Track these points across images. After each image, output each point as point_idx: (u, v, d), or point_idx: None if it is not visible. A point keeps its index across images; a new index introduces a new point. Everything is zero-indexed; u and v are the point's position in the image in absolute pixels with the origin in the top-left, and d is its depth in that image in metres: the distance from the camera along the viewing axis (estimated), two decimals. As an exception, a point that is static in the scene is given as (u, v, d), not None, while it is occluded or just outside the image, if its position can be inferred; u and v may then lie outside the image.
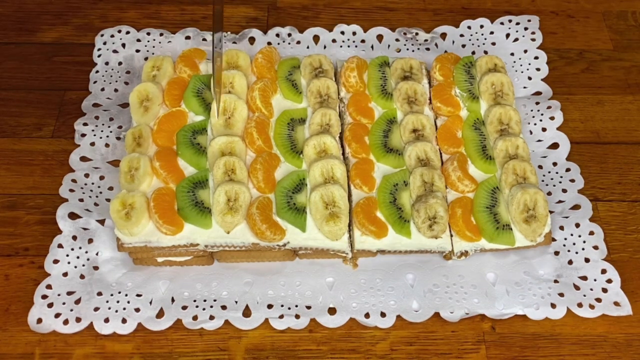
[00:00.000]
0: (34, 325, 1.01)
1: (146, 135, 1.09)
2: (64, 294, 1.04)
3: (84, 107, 1.23)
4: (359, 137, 1.10)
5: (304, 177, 1.06)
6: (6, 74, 1.28)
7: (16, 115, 1.23)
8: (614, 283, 1.05)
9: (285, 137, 1.10)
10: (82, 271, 1.06)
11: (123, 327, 1.01)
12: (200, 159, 1.07)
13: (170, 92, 1.14)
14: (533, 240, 1.03)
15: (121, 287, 1.05)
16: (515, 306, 1.03)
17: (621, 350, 1.01)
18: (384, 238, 1.03)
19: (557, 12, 1.40)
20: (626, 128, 1.24)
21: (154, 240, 1.02)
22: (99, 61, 1.29)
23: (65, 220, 1.10)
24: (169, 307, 1.03)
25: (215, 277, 1.06)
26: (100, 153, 1.18)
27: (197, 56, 1.19)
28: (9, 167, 1.17)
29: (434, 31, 1.33)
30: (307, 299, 1.04)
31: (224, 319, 1.02)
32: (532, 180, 1.06)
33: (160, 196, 1.03)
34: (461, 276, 1.06)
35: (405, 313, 1.02)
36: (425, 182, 1.05)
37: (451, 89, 1.16)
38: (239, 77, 1.12)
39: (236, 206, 1.01)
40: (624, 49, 1.34)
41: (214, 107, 1.10)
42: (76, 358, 1.00)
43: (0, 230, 1.11)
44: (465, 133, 1.12)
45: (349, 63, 1.17)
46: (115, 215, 1.00)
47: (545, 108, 1.22)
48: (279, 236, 1.02)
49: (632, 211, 1.15)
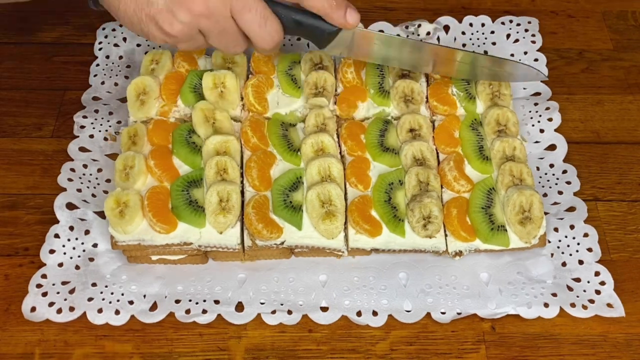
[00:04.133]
0: (28, 314, 1.02)
1: (141, 134, 1.10)
2: (58, 283, 1.04)
3: (84, 100, 1.24)
4: (354, 135, 1.11)
5: (301, 175, 1.07)
6: (6, 74, 1.29)
7: (16, 115, 1.23)
8: (607, 285, 1.04)
9: (281, 136, 1.10)
10: (77, 262, 1.07)
11: (116, 318, 1.02)
12: (195, 158, 1.07)
13: (167, 86, 1.15)
14: (528, 242, 1.03)
15: (116, 279, 1.05)
16: (507, 305, 1.02)
17: (621, 350, 1.01)
18: (378, 237, 1.03)
19: (557, 12, 1.39)
20: (626, 128, 1.24)
21: (148, 239, 1.02)
22: (100, 54, 1.30)
23: (62, 210, 1.10)
24: (162, 300, 1.04)
25: (209, 272, 1.07)
26: (98, 146, 1.18)
27: (196, 51, 1.19)
28: (9, 167, 1.18)
29: (437, 21, 1.33)
30: (300, 295, 1.04)
31: (216, 313, 1.02)
32: (528, 182, 1.05)
33: (155, 195, 1.03)
34: (454, 276, 1.05)
35: (397, 313, 1.02)
36: (420, 181, 1.05)
37: (448, 87, 1.16)
38: (230, 77, 1.12)
39: (228, 206, 1.02)
40: (624, 49, 1.34)
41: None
42: (76, 358, 1.00)
43: (0, 230, 1.11)
44: (463, 133, 1.12)
45: (347, 59, 1.17)
46: (109, 213, 1.01)
47: (544, 109, 1.22)
48: (275, 234, 1.02)
49: (632, 211, 1.14)
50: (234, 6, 0.91)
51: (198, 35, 0.94)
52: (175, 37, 0.93)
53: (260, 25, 0.93)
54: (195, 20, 0.91)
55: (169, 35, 0.93)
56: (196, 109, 1.10)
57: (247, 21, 0.92)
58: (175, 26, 0.91)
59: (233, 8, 0.91)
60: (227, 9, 0.91)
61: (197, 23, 0.91)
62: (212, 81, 1.12)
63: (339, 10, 0.94)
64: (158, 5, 0.90)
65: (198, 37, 0.94)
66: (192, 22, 0.91)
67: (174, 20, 0.90)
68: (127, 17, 0.93)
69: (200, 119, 1.10)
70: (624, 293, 1.04)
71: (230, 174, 1.05)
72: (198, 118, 1.10)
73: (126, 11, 0.92)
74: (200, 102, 1.11)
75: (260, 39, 0.94)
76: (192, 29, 0.92)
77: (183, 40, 0.94)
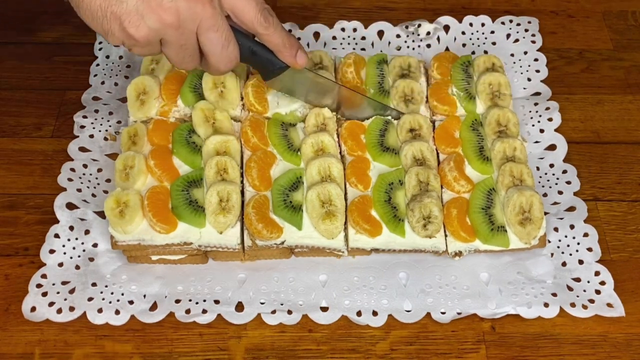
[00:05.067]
0: (28, 314, 1.02)
1: (141, 134, 1.10)
2: (58, 283, 1.04)
3: (84, 99, 1.23)
4: (354, 135, 1.11)
5: (301, 175, 1.07)
6: (6, 74, 1.29)
7: (16, 115, 1.23)
8: (607, 285, 1.04)
9: (281, 136, 1.10)
10: (77, 262, 1.07)
11: (116, 318, 1.02)
12: (195, 158, 1.07)
13: (167, 86, 1.15)
14: (527, 242, 1.03)
15: (116, 279, 1.05)
16: (507, 305, 1.02)
17: (621, 350, 1.01)
18: (378, 237, 1.03)
19: (557, 12, 1.39)
20: (626, 128, 1.24)
21: (148, 239, 1.02)
22: (100, 54, 1.30)
23: (62, 210, 1.10)
24: (162, 300, 1.04)
25: (209, 272, 1.07)
26: (98, 146, 1.18)
27: None
28: (9, 167, 1.18)
29: (437, 21, 1.34)
30: (300, 295, 1.04)
31: (216, 313, 1.02)
32: (528, 183, 1.05)
33: (155, 194, 1.03)
34: (454, 276, 1.05)
35: (397, 313, 1.02)
36: (420, 181, 1.05)
37: (448, 87, 1.16)
38: (230, 77, 1.12)
39: (228, 206, 1.02)
40: (624, 48, 1.34)
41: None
42: (76, 358, 1.00)
43: (0, 230, 1.11)
44: (463, 134, 1.12)
45: (346, 59, 1.17)
46: (109, 213, 1.01)
47: (544, 109, 1.22)
48: (275, 234, 1.02)
49: (632, 211, 1.14)
50: (203, 24, 0.90)
51: (157, 44, 0.92)
52: (137, 41, 0.90)
53: (223, 47, 0.93)
54: (163, 29, 0.89)
55: (130, 38, 0.90)
56: (196, 109, 1.10)
57: (210, 40, 0.92)
58: (141, 30, 0.88)
59: (201, 25, 0.90)
60: (195, 24, 0.90)
61: (163, 32, 0.89)
62: (212, 81, 1.12)
63: (291, 50, 1.00)
64: (128, 5, 0.87)
65: (156, 45, 0.92)
66: (159, 30, 0.89)
67: (142, 24, 0.88)
68: (91, 10, 0.89)
69: (200, 118, 1.10)
70: (624, 293, 1.04)
71: (230, 174, 1.05)
72: (198, 118, 1.10)
73: (91, 4, 0.88)
74: (201, 101, 1.11)
75: (218, 60, 0.94)
76: (156, 36, 0.90)
77: (142, 45, 0.91)
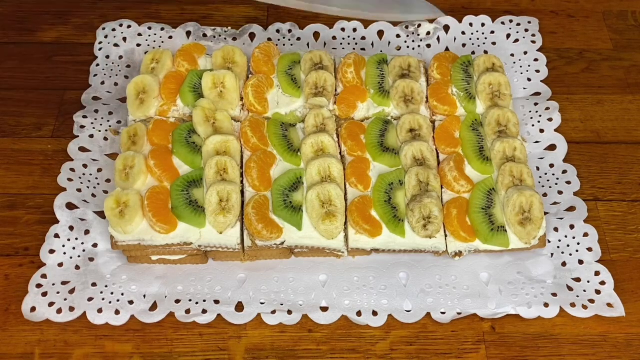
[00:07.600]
0: (28, 314, 1.02)
1: (141, 134, 1.09)
2: (58, 283, 1.04)
3: (84, 100, 1.23)
4: (354, 135, 1.11)
5: (301, 176, 1.07)
6: (6, 74, 1.29)
7: (16, 115, 1.23)
8: (607, 285, 1.04)
9: (281, 137, 1.10)
10: (77, 262, 1.07)
11: (116, 318, 1.02)
12: (195, 158, 1.07)
13: (167, 85, 1.15)
14: (527, 242, 1.03)
15: (116, 279, 1.05)
16: (507, 305, 1.03)
17: (621, 350, 1.01)
18: (378, 237, 1.03)
19: (557, 12, 1.39)
20: (626, 128, 1.24)
21: (148, 239, 1.02)
22: (100, 54, 1.29)
23: (62, 210, 1.10)
24: (162, 300, 1.04)
25: (209, 272, 1.07)
26: (98, 146, 1.18)
27: (197, 51, 1.20)
28: (9, 167, 1.18)
29: (437, 21, 1.34)
30: (300, 295, 1.04)
31: (216, 313, 1.02)
32: (528, 183, 1.05)
33: (155, 195, 1.03)
34: (454, 276, 1.06)
35: (397, 313, 1.02)
36: (420, 181, 1.05)
37: (448, 87, 1.16)
38: (229, 77, 1.12)
39: (228, 206, 1.02)
40: (624, 48, 1.34)
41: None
42: (76, 358, 1.00)
43: (0, 230, 1.11)
44: (463, 134, 1.12)
45: (346, 59, 1.17)
46: (109, 213, 1.01)
47: (544, 109, 1.22)
48: (275, 234, 1.02)
49: (632, 211, 1.14)
50: None
51: None
52: None
53: None
54: None
55: None
56: (196, 109, 1.10)
57: None
58: None
59: None
60: None
61: None
62: (212, 81, 1.12)
63: None
64: None
65: None
66: None
67: None
68: None
69: (200, 118, 1.10)
70: (624, 293, 1.05)
71: (230, 174, 1.05)
72: (198, 118, 1.10)
73: None
74: (201, 100, 1.11)
75: None
76: None
77: None
